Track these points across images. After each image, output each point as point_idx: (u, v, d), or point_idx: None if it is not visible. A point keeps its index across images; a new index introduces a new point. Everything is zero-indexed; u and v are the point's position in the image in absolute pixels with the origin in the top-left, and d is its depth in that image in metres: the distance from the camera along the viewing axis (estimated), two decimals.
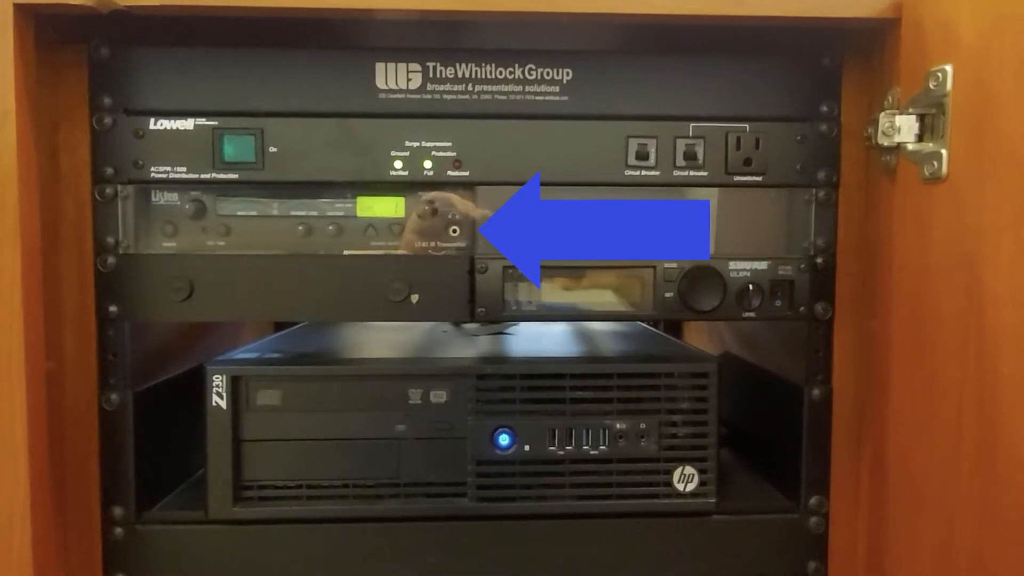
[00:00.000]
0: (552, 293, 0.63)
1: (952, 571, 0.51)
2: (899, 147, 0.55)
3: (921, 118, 0.54)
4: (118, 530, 0.63)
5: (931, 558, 0.53)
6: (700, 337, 1.00)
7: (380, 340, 0.80)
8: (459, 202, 0.63)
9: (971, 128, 0.49)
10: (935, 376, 0.53)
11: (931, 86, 0.52)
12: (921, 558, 0.54)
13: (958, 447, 0.51)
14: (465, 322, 0.71)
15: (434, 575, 0.64)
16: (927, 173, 0.52)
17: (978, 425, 0.50)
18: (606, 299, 0.63)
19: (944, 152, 0.51)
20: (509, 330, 0.88)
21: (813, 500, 0.66)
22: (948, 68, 0.51)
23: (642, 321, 0.63)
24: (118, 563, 0.63)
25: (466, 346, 0.76)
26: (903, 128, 0.54)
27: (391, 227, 0.63)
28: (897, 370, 0.56)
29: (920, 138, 0.54)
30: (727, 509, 0.65)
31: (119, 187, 0.61)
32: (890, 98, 0.56)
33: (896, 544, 0.57)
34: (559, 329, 0.89)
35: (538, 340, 0.80)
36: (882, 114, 0.56)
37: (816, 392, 0.65)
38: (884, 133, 0.55)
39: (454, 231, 0.63)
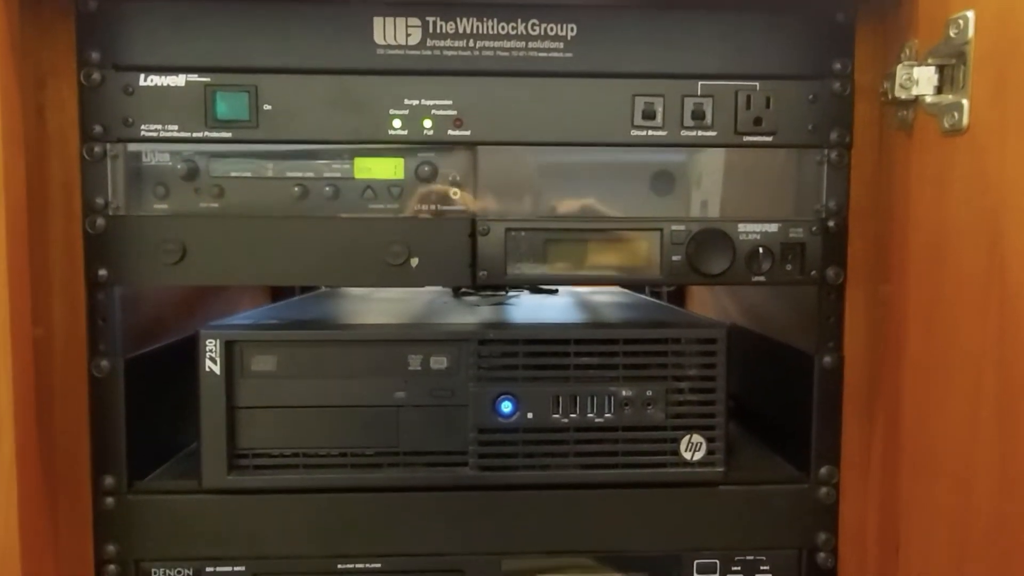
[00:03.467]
0: (556, 256, 0.61)
1: (969, 537, 0.50)
2: (917, 100, 0.53)
3: (940, 69, 0.52)
4: (109, 500, 0.61)
5: (947, 524, 0.51)
6: (704, 310, 0.98)
7: (379, 310, 0.78)
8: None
9: (994, 76, 0.47)
10: (954, 337, 0.51)
11: (951, 34, 0.50)
12: (937, 525, 0.52)
13: (977, 411, 0.49)
14: (466, 287, 0.69)
15: (433, 546, 0.62)
16: (947, 125, 0.50)
17: (999, 388, 0.48)
18: (612, 262, 0.61)
19: (965, 103, 0.49)
20: (510, 301, 0.86)
21: (824, 470, 0.64)
22: (970, 15, 0.48)
23: (649, 285, 0.61)
24: (109, 533, 0.61)
25: (467, 314, 0.74)
26: (921, 80, 0.52)
27: (390, 189, 0.61)
28: (913, 332, 0.55)
29: (939, 90, 0.52)
30: (735, 479, 0.64)
31: (108, 146, 0.59)
32: (907, 50, 0.54)
33: (910, 511, 0.55)
34: (561, 301, 0.87)
35: (540, 310, 0.79)
36: (899, 66, 0.54)
37: (827, 360, 0.63)
38: (901, 86, 0.53)
39: (455, 193, 0.61)
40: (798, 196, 0.62)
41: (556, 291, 0.95)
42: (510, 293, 0.92)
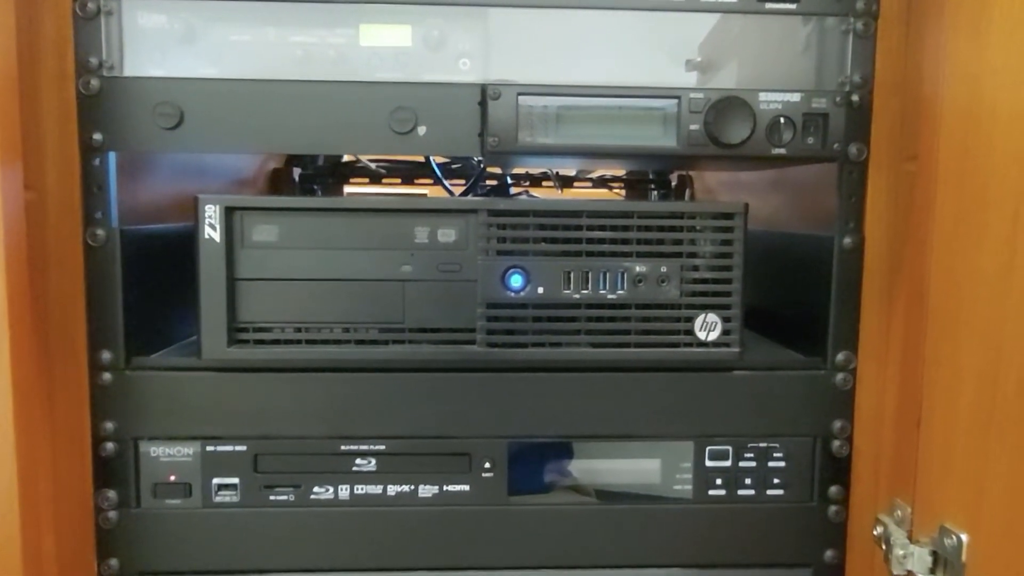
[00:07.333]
0: (570, 123, 0.58)
1: (998, 398, 0.48)
2: None
3: None
4: (106, 376, 0.59)
5: (975, 386, 0.50)
6: None
7: None
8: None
9: None
10: (987, 188, 0.49)
11: None
12: (964, 388, 0.51)
13: (1011, 263, 0.47)
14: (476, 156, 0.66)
15: (440, 428, 0.61)
16: None
17: None
18: (627, 132, 0.58)
19: None
20: None
21: (841, 356, 0.62)
22: None
23: (665, 155, 0.59)
24: (106, 410, 0.59)
25: None
26: None
27: (396, 56, 0.59)
28: (942, 194, 0.53)
29: None
30: (751, 364, 0.62)
31: (102, 2, 0.56)
32: None
33: (935, 378, 0.53)
34: None
35: None
36: None
37: (847, 240, 0.61)
38: None
39: (464, 64, 0.59)
40: (821, 69, 0.60)
41: None
42: None
